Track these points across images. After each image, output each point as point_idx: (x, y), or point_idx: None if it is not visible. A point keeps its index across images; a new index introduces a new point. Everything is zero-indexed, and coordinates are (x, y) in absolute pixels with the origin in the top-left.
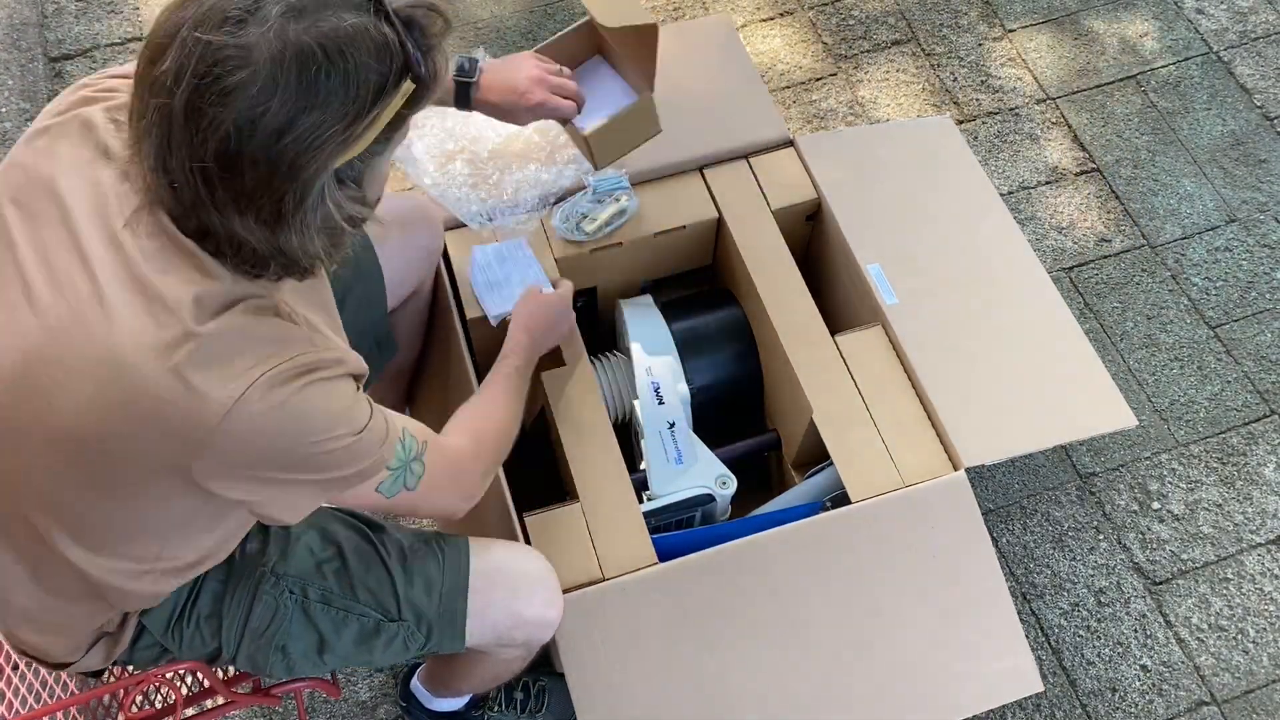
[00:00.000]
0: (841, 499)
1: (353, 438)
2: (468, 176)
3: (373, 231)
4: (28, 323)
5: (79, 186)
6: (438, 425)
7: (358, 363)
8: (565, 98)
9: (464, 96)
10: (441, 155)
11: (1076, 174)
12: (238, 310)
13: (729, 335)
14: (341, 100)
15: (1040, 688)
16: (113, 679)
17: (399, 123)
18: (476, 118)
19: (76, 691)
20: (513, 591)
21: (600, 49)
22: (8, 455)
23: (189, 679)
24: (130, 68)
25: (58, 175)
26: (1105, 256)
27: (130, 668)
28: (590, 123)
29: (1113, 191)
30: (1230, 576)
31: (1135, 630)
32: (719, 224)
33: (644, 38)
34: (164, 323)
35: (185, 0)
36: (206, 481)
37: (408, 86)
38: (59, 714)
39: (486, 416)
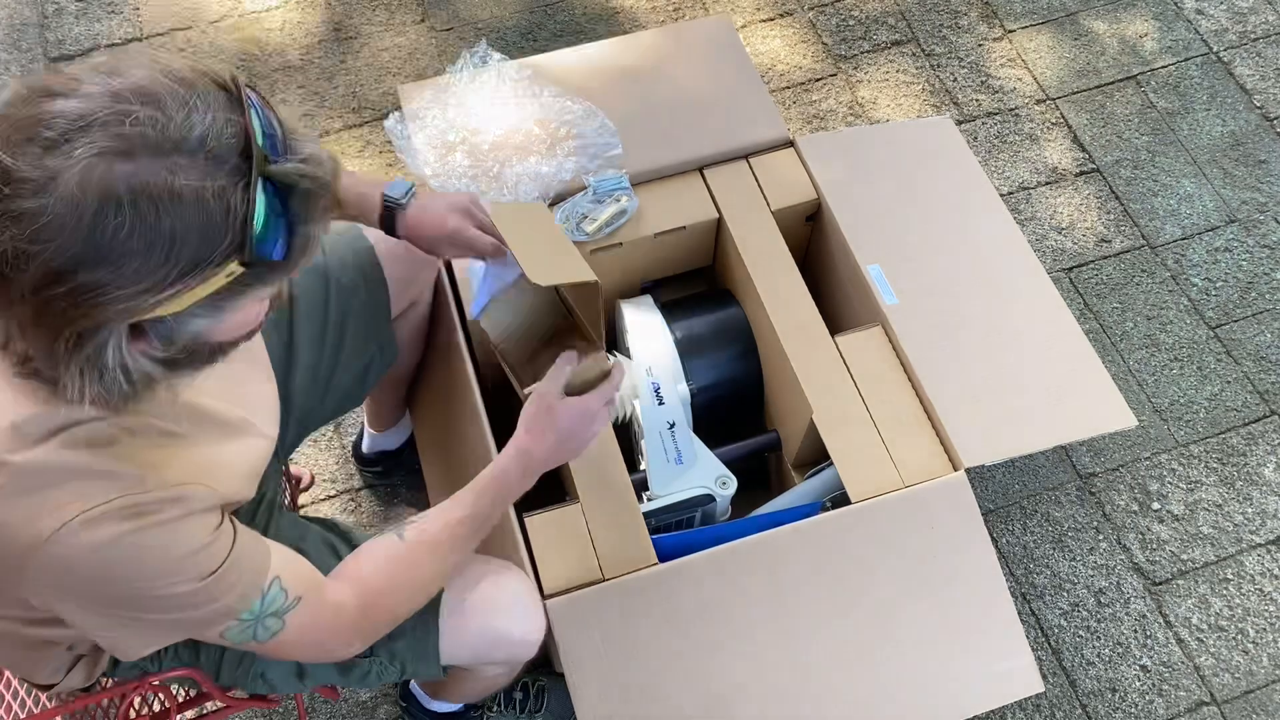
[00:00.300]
0: (841, 499)
1: (197, 583)
2: (468, 168)
3: (374, 239)
4: None
5: None
6: (436, 434)
7: (213, 498)
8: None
9: (389, 222)
10: (442, 146)
11: (1076, 174)
12: (59, 440)
13: (729, 335)
14: (139, 265)
15: (1041, 688)
16: (110, 684)
17: (233, 295)
18: (478, 109)
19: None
20: (490, 612)
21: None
22: None
23: (187, 682)
24: None
25: None
26: (1105, 257)
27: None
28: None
29: (1112, 192)
30: (1230, 577)
31: (1135, 630)
32: (719, 224)
33: (587, 295)
34: None
35: (17, 98)
36: (36, 604)
37: (234, 268)
38: (57, 719)
39: (404, 583)
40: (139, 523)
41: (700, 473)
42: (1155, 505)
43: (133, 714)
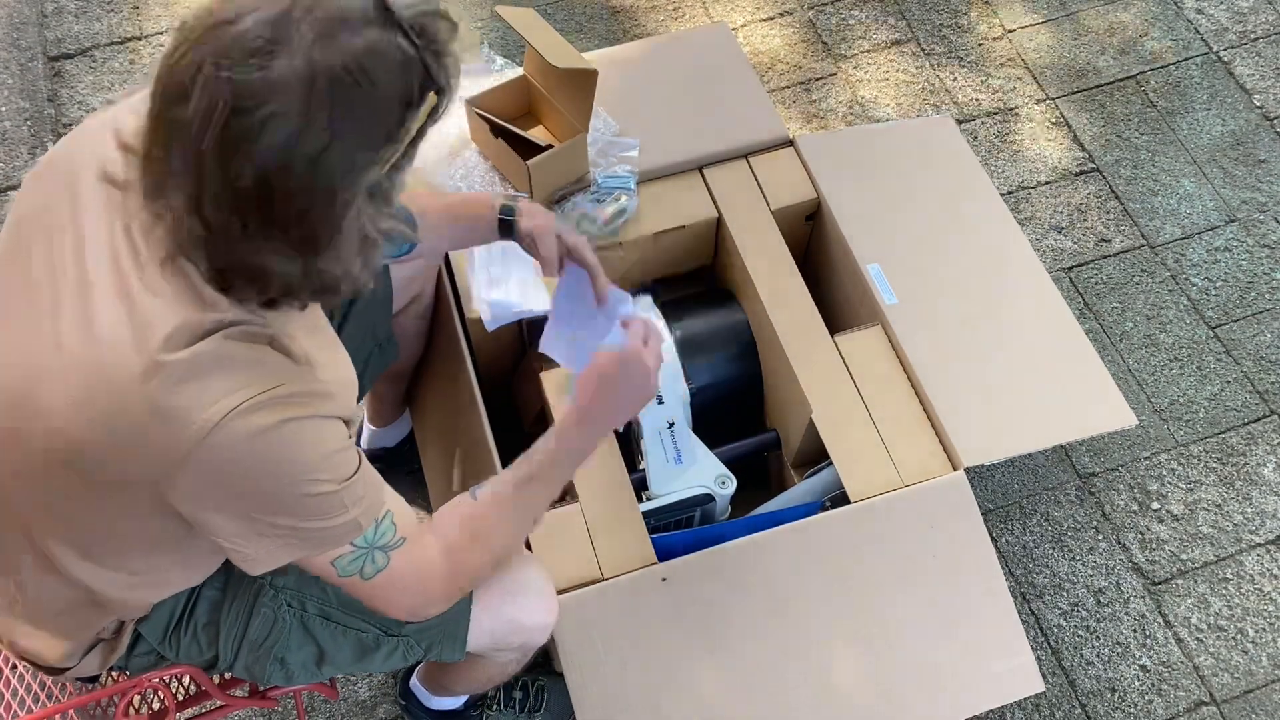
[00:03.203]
0: (841, 499)
1: (336, 485)
2: (471, 170)
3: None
4: (31, 338)
5: (94, 204)
6: (436, 430)
7: (347, 406)
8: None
9: (508, 229)
10: (445, 149)
11: (1076, 174)
12: (220, 336)
13: (729, 335)
14: (373, 123)
15: (1041, 687)
16: (110, 682)
17: (422, 134)
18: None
19: (74, 695)
20: (510, 597)
21: (530, 106)
22: (7, 465)
23: (185, 681)
24: (134, 99)
25: (80, 193)
26: (1105, 256)
27: (127, 672)
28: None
29: (1112, 191)
30: (1229, 576)
31: (1134, 630)
32: (719, 224)
33: (584, 82)
34: (143, 346)
35: (199, 35)
36: (180, 506)
37: (432, 99)
38: (56, 717)
39: (484, 539)
40: (300, 411)
41: (700, 472)
42: (1155, 505)
43: (131, 712)
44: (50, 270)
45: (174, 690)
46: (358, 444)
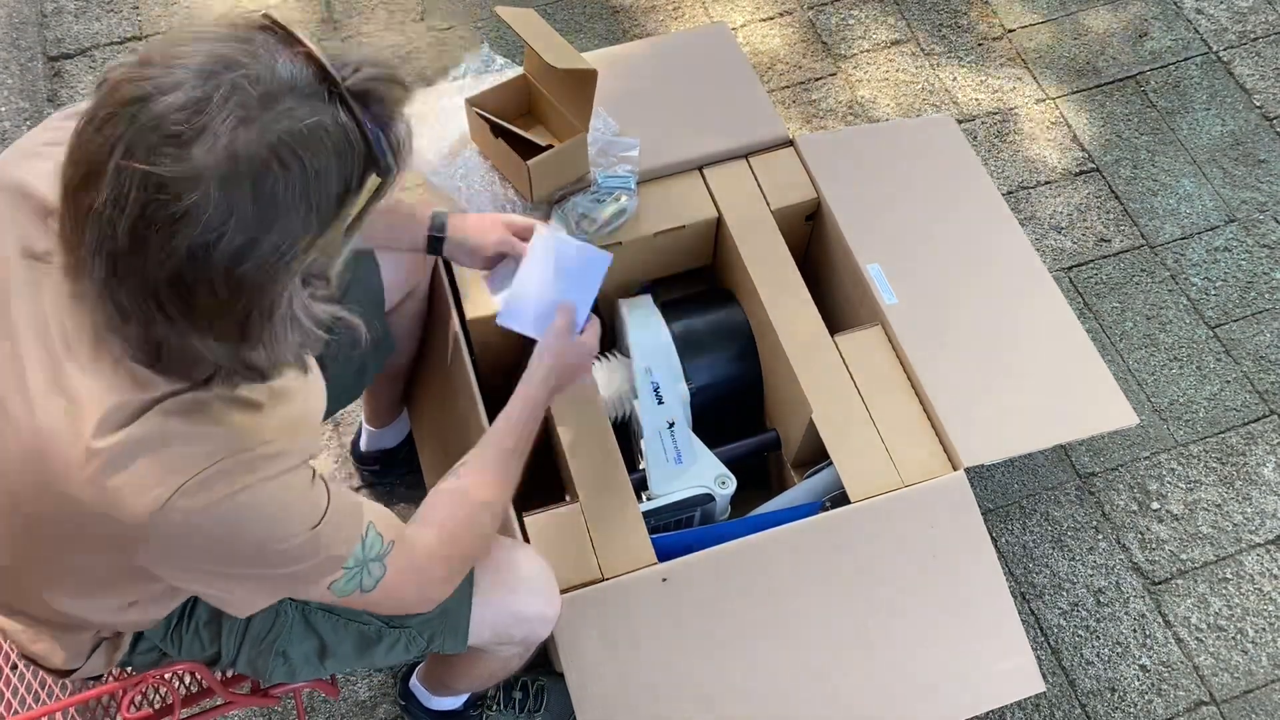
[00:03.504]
0: (841, 499)
1: (306, 533)
2: (471, 170)
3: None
4: None
5: (20, 284)
6: (435, 430)
7: (306, 446)
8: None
9: (436, 246)
10: (444, 148)
11: (1076, 174)
12: (155, 413)
13: (729, 335)
14: (304, 212)
15: (1041, 687)
16: (111, 679)
17: (365, 215)
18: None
19: (75, 692)
20: (512, 590)
21: (530, 106)
22: None
23: (187, 678)
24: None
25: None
26: (1105, 256)
27: (129, 669)
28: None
29: (1112, 191)
30: (1229, 576)
31: (1134, 630)
32: (719, 224)
33: (584, 82)
34: (77, 432)
35: (116, 107)
36: (151, 570)
37: (373, 181)
38: (58, 714)
39: (466, 507)
40: (246, 479)
41: (700, 472)
42: (1155, 505)
43: (133, 710)
44: None
45: (176, 688)
46: (352, 452)
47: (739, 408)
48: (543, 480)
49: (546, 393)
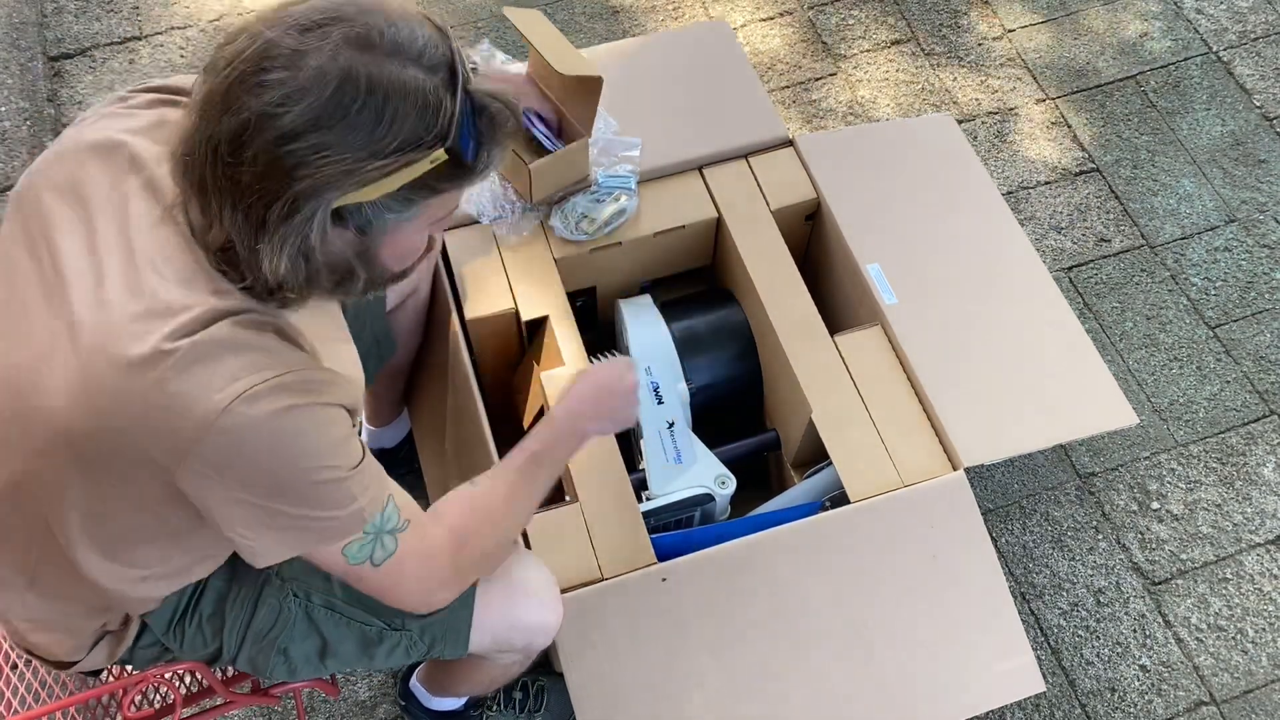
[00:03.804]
0: (841, 499)
1: (345, 473)
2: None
3: None
4: (39, 323)
5: (102, 193)
6: (434, 430)
7: (353, 396)
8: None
9: None
10: None
11: (1076, 174)
12: (228, 323)
13: (728, 335)
14: (364, 135)
15: (1041, 687)
16: (111, 678)
17: (424, 191)
18: None
19: (75, 691)
20: (513, 598)
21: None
22: (21, 454)
23: (188, 678)
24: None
25: (85, 184)
26: (1105, 256)
27: (129, 667)
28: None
29: (1112, 191)
30: (1229, 576)
31: (1134, 630)
32: (718, 224)
33: (589, 87)
34: (153, 331)
35: (277, 5)
36: (190, 493)
37: (439, 154)
38: (58, 714)
39: (488, 520)
40: (307, 398)
41: (699, 472)
42: (1155, 505)
43: (133, 709)
44: (56, 259)
45: (177, 687)
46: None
47: (739, 408)
48: None
49: (566, 419)
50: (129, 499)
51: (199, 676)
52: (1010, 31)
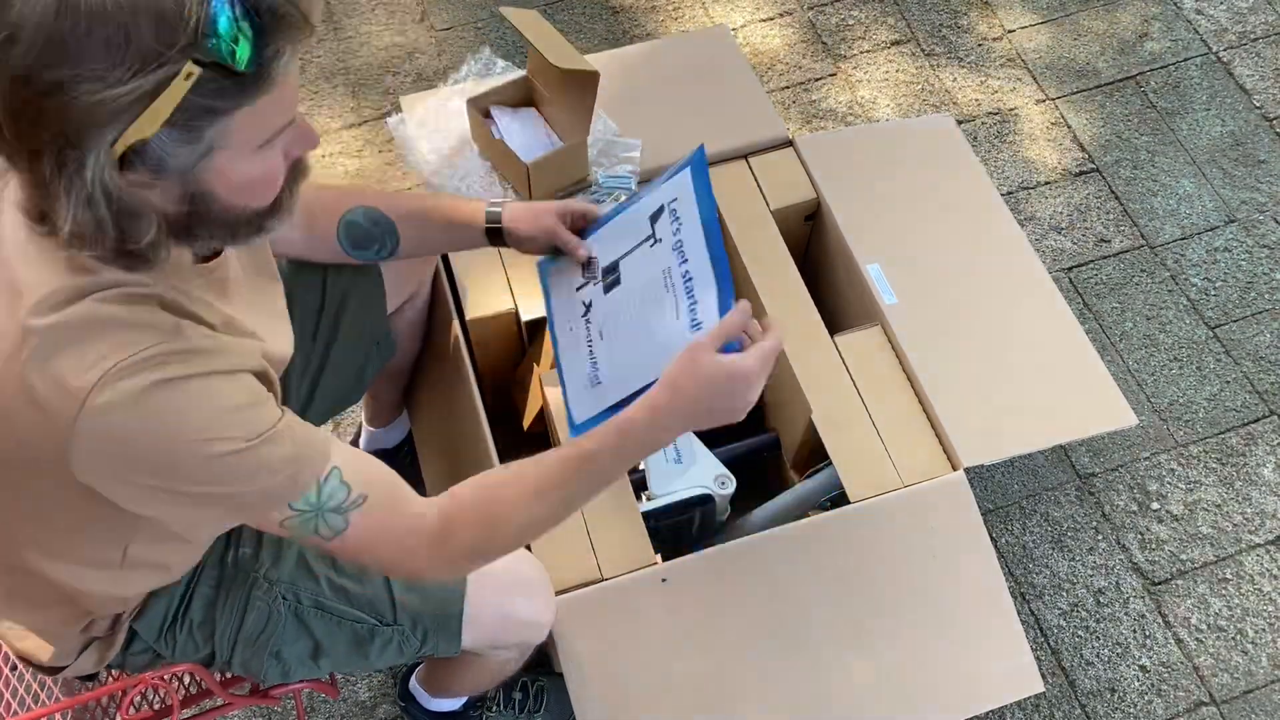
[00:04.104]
0: (841, 499)
1: (243, 444)
2: (470, 170)
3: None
4: None
5: None
6: (434, 431)
7: (256, 359)
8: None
9: (496, 236)
10: (443, 149)
11: (1076, 174)
12: (93, 299)
13: None
14: (99, 62)
15: (1040, 688)
16: (110, 680)
17: (204, 114)
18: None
19: (75, 692)
20: (507, 594)
21: (532, 100)
22: None
23: (186, 679)
24: None
25: None
26: (1104, 257)
27: (123, 670)
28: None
29: (1112, 192)
30: (1229, 577)
31: (1134, 630)
32: None
33: (586, 84)
34: (15, 310)
35: None
36: (88, 483)
37: (190, 68)
38: (56, 715)
39: (488, 506)
40: (183, 369)
41: (699, 472)
42: (1154, 505)
43: (132, 711)
44: None
45: (174, 689)
46: (354, 441)
47: None
48: None
49: (649, 423)
50: (44, 499)
51: (197, 678)
52: (1010, 32)
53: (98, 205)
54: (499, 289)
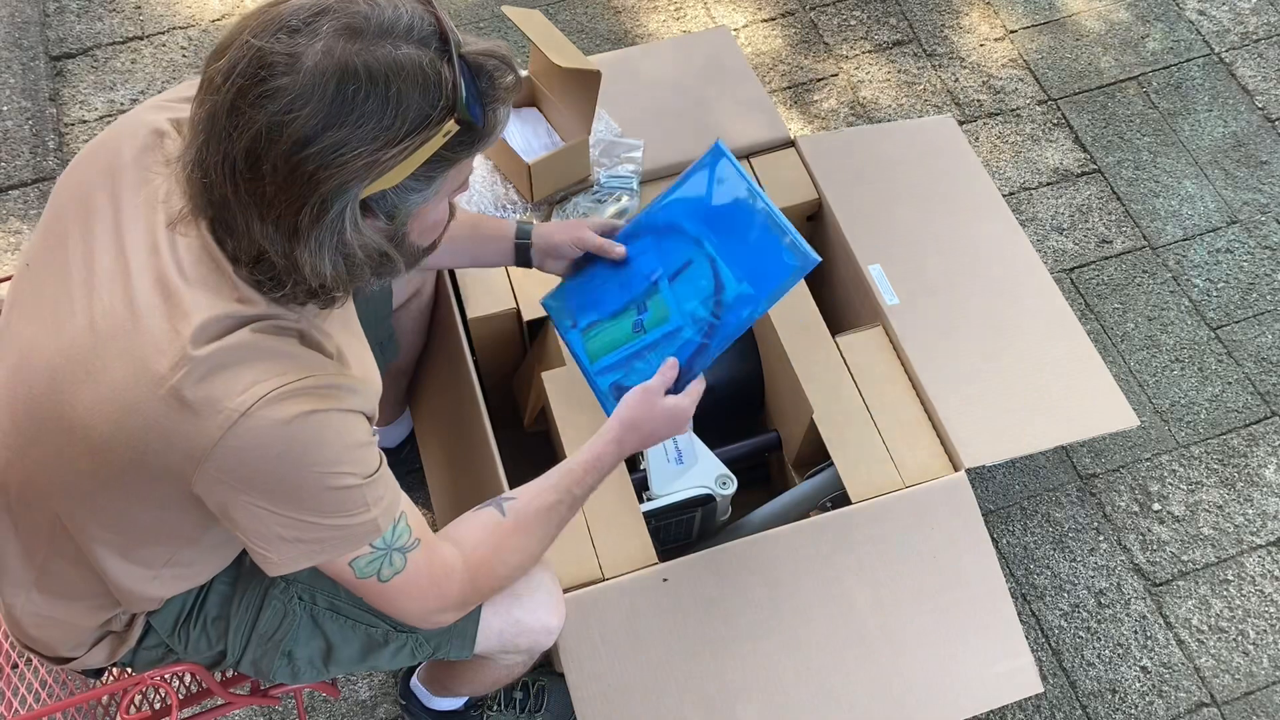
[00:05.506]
0: (841, 499)
1: (359, 480)
2: (473, 172)
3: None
4: (66, 322)
5: (134, 188)
6: (436, 430)
7: (372, 403)
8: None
9: (524, 256)
10: None
11: (1078, 175)
12: (248, 330)
13: None
14: (375, 125)
15: (1040, 688)
16: (112, 679)
17: (441, 164)
18: None
19: (76, 691)
20: (518, 599)
21: (534, 99)
22: (39, 449)
23: (186, 678)
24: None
25: (121, 176)
26: (1106, 258)
27: (129, 669)
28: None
29: (1114, 193)
30: (1230, 578)
31: (1135, 631)
32: None
33: (588, 83)
34: (175, 337)
35: (258, 9)
36: (206, 499)
37: (450, 126)
38: (58, 714)
39: (507, 550)
40: (326, 403)
41: (701, 472)
42: (1156, 506)
43: (132, 710)
44: (89, 253)
45: (175, 688)
46: None
47: (740, 408)
48: None
49: (616, 455)
50: (145, 502)
51: (197, 678)
52: (1011, 32)
53: (350, 251)
54: (501, 288)
